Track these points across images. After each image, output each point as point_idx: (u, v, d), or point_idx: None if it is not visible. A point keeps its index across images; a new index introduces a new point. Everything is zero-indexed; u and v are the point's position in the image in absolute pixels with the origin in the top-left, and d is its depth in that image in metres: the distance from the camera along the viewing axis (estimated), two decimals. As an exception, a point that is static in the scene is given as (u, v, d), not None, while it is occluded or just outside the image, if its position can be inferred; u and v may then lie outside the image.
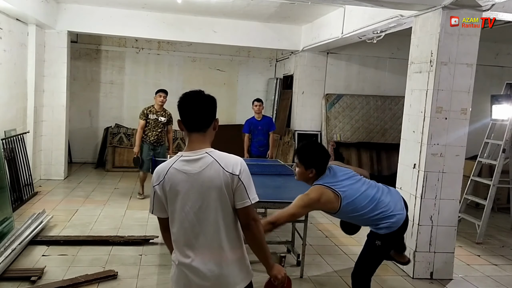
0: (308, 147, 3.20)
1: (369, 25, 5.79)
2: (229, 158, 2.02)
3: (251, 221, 2.02)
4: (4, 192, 4.99)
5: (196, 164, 1.98)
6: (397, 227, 3.06)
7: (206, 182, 1.96)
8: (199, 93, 2.06)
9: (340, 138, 8.73)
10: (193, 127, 2.03)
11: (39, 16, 6.82)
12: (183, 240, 2.03)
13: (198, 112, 2.02)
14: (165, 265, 4.39)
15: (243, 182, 1.98)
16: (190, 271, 2.01)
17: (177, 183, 1.98)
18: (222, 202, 1.98)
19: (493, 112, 6.31)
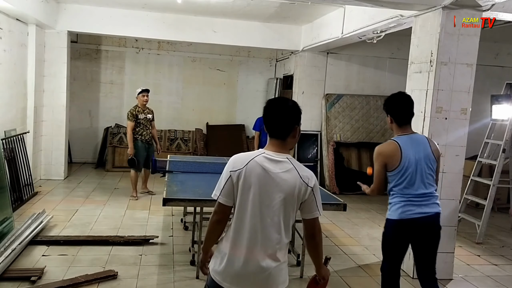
0: (391, 95, 3.26)
1: (369, 25, 5.79)
2: (306, 169, 2.15)
3: (316, 231, 2.17)
4: (4, 192, 4.99)
5: (277, 165, 2.07)
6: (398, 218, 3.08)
7: (282, 184, 2.05)
8: (284, 102, 2.16)
9: (340, 138, 8.72)
10: (274, 135, 2.13)
11: (39, 16, 6.82)
12: (248, 235, 2.07)
13: (279, 124, 2.12)
14: (165, 265, 4.40)
15: (315, 195, 2.11)
16: (239, 266, 2.06)
17: (255, 176, 2.05)
18: (288, 206, 2.07)
19: (493, 112, 6.31)
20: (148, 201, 6.79)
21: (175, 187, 4.39)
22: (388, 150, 3.12)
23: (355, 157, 8.70)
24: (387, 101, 3.25)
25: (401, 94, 3.26)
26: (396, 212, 3.11)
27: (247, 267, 2.06)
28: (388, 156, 3.10)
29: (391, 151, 3.10)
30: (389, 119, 3.23)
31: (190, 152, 9.63)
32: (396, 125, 3.20)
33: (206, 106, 10.34)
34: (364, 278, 4.43)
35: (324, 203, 4.14)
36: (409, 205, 3.08)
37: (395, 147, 3.10)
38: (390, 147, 3.12)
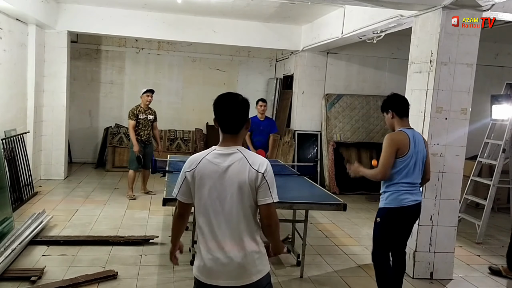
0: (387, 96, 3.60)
1: (369, 25, 5.79)
2: (257, 157, 2.19)
3: (272, 222, 2.18)
4: (4, 192, 4.99)
5: (227, 158, 2.15)
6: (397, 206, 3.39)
7: (233, 175, 2.12)
8: (234, 97, 2.21)
9: (340, 138, 8.72)
10: (227, 130, 2.19)
11: (39, 16, 6.82)
12: (207, 228, 2.16)
13: (232, 117, 2.18)
14: (165, 265, 4.39)
15: (267, 181, 2.13)
16: (211, 259, 2.14)
17: (208, 173, 2.15)
18: (245, 195, 2.13)
19: (493, 112, 6.31)
20: (148, 201, 6.79)
21: (175, 187, 4.38)
22: (401, 137, 3.38)
23: (355, 157, 8.68)
24: (387, 99, 3.56)
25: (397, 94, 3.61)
26: (395, 200, 3.41)
27: (216, 260, 2.14)
28: (401, 143, 3.35)
29: (403, 139, 3.37)
30: (390, 114, 3.50)
31: (190, 152, 9.63)
32: (398, 119, 3.48)
33: (206, 106, 10.27)
34: (364, 278, 4.43)
35: (324, 203, 4.21)
36: (406, 193, 3.40)
37: (405, 136, 3.38)
38: (402, 136, 3.39)
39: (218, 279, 2.15)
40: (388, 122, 3.57)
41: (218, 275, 2.15)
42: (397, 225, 3.50)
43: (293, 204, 4.07)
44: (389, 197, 3.45)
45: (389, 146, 3.36)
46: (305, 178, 5.26)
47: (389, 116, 3.51)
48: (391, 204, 3.43)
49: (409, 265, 4.44)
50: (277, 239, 2.29)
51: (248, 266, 2.15)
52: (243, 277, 2.15)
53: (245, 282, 2.15)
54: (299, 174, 5.48)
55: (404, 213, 3.44)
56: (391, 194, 3.43)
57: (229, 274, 2.14)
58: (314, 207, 4.25)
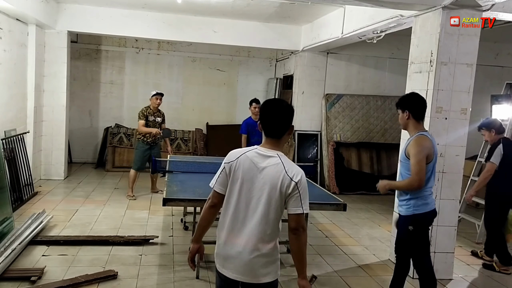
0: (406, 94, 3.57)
1: (369, 25, 5.79)
2: (294, 166, 2.24)
3: (300, 228, 2.18)
4: (4, 192, 4.99)
5: (265, 160, 2.21)
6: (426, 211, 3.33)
7: (267, 177, 2.18)
8: (280, 103, 2.32)
9: (340, 138, 8.72)
10: (271, 134, 2.27)
11: (39, 16, 6.82)
12: (229, 219, 2.24)
13: (276, 122, 2.26)
14: (165, 265, 4.40)
15: (300, 191, 2.16)
16: (225, 250, 2.24)
17: (244, 169, 2.22)
18: (273, 199, 2.17)
19: (493, 112, 6.31)
20: (148, 201, 6.79)
21: (175, 187, 4.39)
22: (428, 143, 3.28)
23: (355, 157, 8.70)
24: (406, 98, 3.47)
25: (418, 94, 3.49)
26: (423, 206, 3.33)
27: (228, 250, 2.22)
28: (429, 148, 3.27)
29: (430, 144, 3.29)
30: (406, 115, 3.37)
31: (190, 152, 9.63)
32: (414, 121, 3.37)
33: (206, 106, 10.35)
34: (364, 278, 4.43)
35: (324, 203, 4.21)
36: (430, 196, 3.37)
37: (430, 141, 3.30)
38: (428, 141, 3.30)
39: (228, 270, 2.22)
40: (401, 121, 3.45)
41: (228, 266, 2.22)
42: (427, 228, 3.48)
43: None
44: (416, 203, 3.33)
45: (420, 153, 3.22)
46: (305, 178, 5.25)
47: (405, 115, 3.38)
48: (419, 210, 3.32)
49: (409, 265, 4.45)
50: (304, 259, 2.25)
51: (257, 266, 2.18)
52: (250, 275, 2.18)
53: (251, 281, 2.19)
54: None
55: (432, 216, 3.42)
56: (419, 200, 3.32)
57: (238, 268, 2.19)
58: (314, 207, 4.23)
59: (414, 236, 3.40)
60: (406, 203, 3.37)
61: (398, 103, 3.45)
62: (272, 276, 2.22)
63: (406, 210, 3.38)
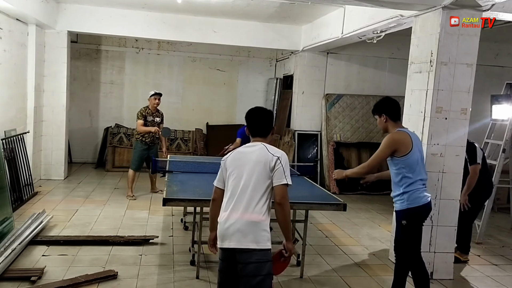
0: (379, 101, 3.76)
1: (369, 25, 5.79)
2: (275, 148, 2.68)
3: (283, 199, 2.55)
4: (4, 192, 4.99)
5: (252, 148, 2.69)
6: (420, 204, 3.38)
7: (254, 158, 2.62)
8: (260, 109, 2.85)
9: (340, 138, 8.72)
10: (256, 134, 2.78)
11: (39, 16, 6.82)
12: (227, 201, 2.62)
13: (259, 124, 2.77)
14: (165, 265, 4.40)
15: (282, 164, 2.57)
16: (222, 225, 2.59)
17: (234, 159, 2.69)
18: (260, 174, 2.57)
19: (493, 112, 6.31)
20: (148, 201, 6.79)
21: (175, 187, 4.39)
22: (401, 137, 3.43)
23: (355, 157, 8.70)
24: (380, 103, 3.67)
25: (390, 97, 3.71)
26: (417, 199, 3.39)
27: (226, 225, 2.56)
28: (402, 143, 3.40)
29: (405, 138, 3.42)
30: (384, 118, 3.56)
31: (190, 152, 9.63)
32: (392, 122, 3.54)
33: (206, 106, 10.35)
34: (364, 278, 4.43)
35: (324, 203, 4.21)
36: (423, 190, 3.43)
37: (406, 135, 3.45)
38: (402, 135, 3.44)
39: (225, 241, 2.55)
40: (381, 125, 3.62)
41: (223, 237, 2.56)
42: (421, 224, 3.51)
43: (293, 204, 4.04)
44: (410, 197, 3.39)
45: (387, 147, 3.42)
46: (305, 178, 5.26)
47: (382, 119, 3.57)
48: (413, 204, 3.39)
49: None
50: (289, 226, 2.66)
51: (244, 232, 2.50)
52: (238, 240, 2.50)
53: (238, 246, 2.50)
54: (299, 174, 5.48)
55: (426, 210, 3.47)
56: (412, 193, 3.39)
57: (231, 237, 2.53)
58: (314, 207, 4.24)
59: (406, 231, 3.45)
60: (400, 198, 3.45)
61: (374, 110, 3.65)
62: (262, 243, 2.52)
63: (400, 205, 3.46)
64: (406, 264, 3.57)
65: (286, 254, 2.66)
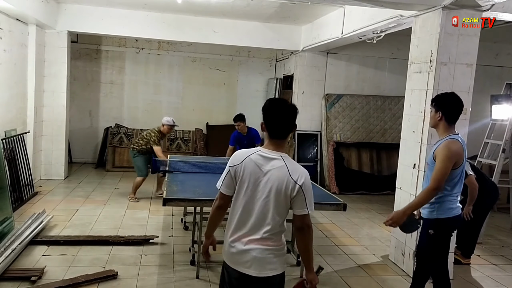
0: (443, 93, 3.32)
1: (369, 25, 5.79)
2: (297, 167, 2.29)
3: (305, 226, 2.29)
4: (4, 192, 4.99)
5: (269, 162, 2.26)
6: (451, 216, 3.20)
7: (272, 180, 2.24)
8: (284, 103, 2.31)
9: (340, 138, 8.73)
10: (275, 136, 2.29)
11: (39, 16, 6.83)
12: (237, 219, 2.31)
13: (281, 123, 2.27)
14: (165, 265, 4.40)
15: (304, 193, 2.24)
16: (232, 247, 2.31)
17: (248, 172, 2.27)
18: (278, 201, 2.24)
19: (493, 112, 6.31)
20: (148, 201, 6.79)
21: (175, 187, 4.39)
22: (459, 148, 3.14)
23: (355, 157, 8.70)
24: (443, 97, 3.27)
25: (456, 95, 3.27)
26: (449, 211, 3.20)
27: (238, 248, 2.29)
28: (459, 154, 3.13)
29: (460, 149, 3.15)
30: (439, 115, 3.21)
31: (190, 152, 9.63)
32: (446, 124, 3.21)
33: (206, 106, 10.35)
34: (364, 278, 4.43)
35: (324, 203, 4.20)
36: (456, 201, 3.24)
37: (461, 146, 3.16)
38: (459, 145, 3.15)
39: (237, 265, 2.30)
40: (432, 120, 3.31)
41: (236, 261, 2.31)
42: (450, 235, 3.32)
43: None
44: (441, 207, 3.20)
45: (448, 159, 3.08)
46: (305, 178, 5.24)
47: (436, 116, 3.22)
48: (443, 215, 3.19)
49: (409, 265, 4.45)
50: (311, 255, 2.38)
51: (263, 261, 2.26)
52: (257, 269, 2.27)
53: (259, 274, 2.27)
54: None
55: (456, 222, 3.28)
56: (443, 203, 3.19)
57: (245, 263, 2.28)
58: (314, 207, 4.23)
59: (434, 241, 3.26)
60: (430, 206, 3.23)
61: (433, 100, 3.30)
62: (279, 269, 2.31)
63: (429, 213, 3.24)
64: (431, 272, 3.40)
65: (308, 286, 2.39)
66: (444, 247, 3.32)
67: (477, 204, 4.73)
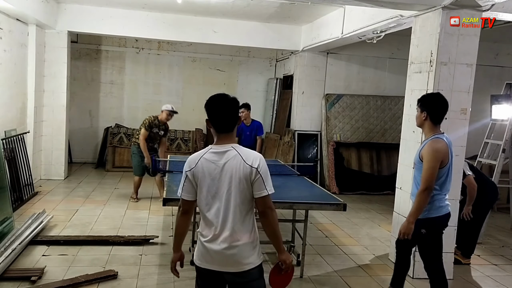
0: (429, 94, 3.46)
1: (369, 25, 5.79)
2: (250, 153, 2.33)
3: (267, 209, 2.30)
4: (4, 192, 4.99)
5: (222, 156, 2.29)
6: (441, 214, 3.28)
7: (229, 171, 2.27)
8: (224, 97, 2.36)
9: (340, 138, 8.73)
10: (222, 130, 2.34)
11: (39, 16, 6.83)
12: (206, 219, 2.33)
13: (226, 117, 2.33)
14: (165, 265, 4.39)
15: (262, 175, 2.27)
16: (208, 248, 2.31)
17: (206, 171, 2.30)
18: (241, 190, 2.27)
19: (493, 112, 6.31)
20: (148, 201, 6.79)
21: (175, 187, 4.38)
22: (444, 147, 3.19)
23: (355, 157, 8.70)
24: (429, 97, 3.37)
25: (441, 95, 3.33)
26: (440, 209, 3.28)
27: (212, 247, 2.30)
28: (444, 153, 3.18)
29: (446, 147, 3.19)
30: (424, 115, 3.28)
31: (190, 152, 9.62)
32: (431, 123, 3.28)
33: (206, 106, 10.33)
34: (364, 278, 4.43)
35: (324, 203, 4.21)
36: (445, 200, 3.32)
37: (446, 144, 3.21)
38: (444, 144, 3.20)
39: (211, 263, 2.32)
40: (418, 120, 3.39)
41: (211, 260, 2.31)
42: (441, 232, 3.39)
43: (293, 204, 4.07)
44: (432, 206, 3.26)
45: (435, 159, 3.14)
46: (305, 178, 5.26)
47: (422, 115, 3.30)
48: (434, 214, 3.27)
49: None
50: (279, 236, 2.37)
51: (240, 256, 2.29)
52: (234, 265, 2.30)
53: (235, 270, 2.30)
54: (299, 174, 5.48)
55: (447, 219, 3.36)
56: (434, 203, 3.26)
57: (221, 261, 2.30)
58: (314, 207, 4.24)
59: (426, 240, 3.32)
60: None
61: (420, 100, 3.36)
62: (256, 261, 2.34)
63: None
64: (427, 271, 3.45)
65: (283, 266, 2.42)
66: (438, 245, 3.38)
67: (477, 204, 4.73)
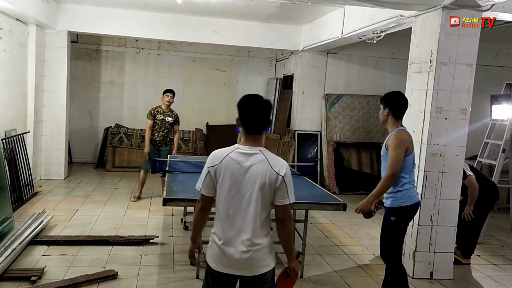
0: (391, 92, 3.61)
1: (369, 25, 5.79)
2: (277, 159, 2.32)
3: (286, 217, 2.32)
4: (4, 192, 4.99)
5: (249, 158, 2.27)
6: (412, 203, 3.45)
7: (254, 175, 2.25)
8: (259, 98, 2.33)
9: (340, 138, 8.73)
10: (252, 131, 2.32)
11: (39, 16, 6.83)
12: (223, 220, 2.31)
13: (257, 119, 2.30)
14: (165, 265, 4.40)
15: (286, 183, 2.27)
16: (225, 251, 2.29)
17: (230, 170, 2.27)
18: (263, 196, 2.26)
19: (493, 112, 6.31)
20: (148, 201, 6.79)
21: (175, 187, 4.39)
22: (408, 136, 3.45)
23: (355, 157, 8.70)
24: (390, 95, 3.57)
25: (402, 93, 3.59)
26: (409, 198, 3.44)
27: (226, 249, 2.28)
28: (409, 141, 3.42)
29: (409, 136, 3.46)
30: (387, 111, 3.52)
31: (190, 152, 9.63)
32: (393, 118, 3.52)
33: (206, 106, 10.35)
34: (364, 278, 4.43)
35: (324, 203, 4.21)
36: (414, 189, 3.50)
37: (409, 134, 3.48)
38: (408, 134, 3.47)
39: (229, 267, 2.29)
40: (382, 116, 3.61)
41: (228, 264, 2.28)
42: (409, 221, 3.58)
43: (293, 204, 4.03)
44: (404, 196, 3.44)
45: (399, 146, 3.36)
46: (305, 178, 5.26)
47: (385, 112, 3.54)
48: (405, 203, 3.44)
49: (409, 265, 4.45)
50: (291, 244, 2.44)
51: (255, 260, 2.27)
52: (251, 268, 2.28)
53: (252, 274, 2.29)
54: (299, 174, 5.48)
55: (416, 208, 3.55)
56: (406, 192, 3.44)
57: (238, 265, 2.27)
58: (314, 207, 4.25)
59: (394, 227, 3.50)
60: (393, 196, 3.47)
61: (382, 98, 3.59)
62: (271, 264, 2.34)
63: (392, 202, 3.49)
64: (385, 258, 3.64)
65: (291, 273, 2.43)
66: (402, 233, 3.55)
67: (477, 204, 4.73)
